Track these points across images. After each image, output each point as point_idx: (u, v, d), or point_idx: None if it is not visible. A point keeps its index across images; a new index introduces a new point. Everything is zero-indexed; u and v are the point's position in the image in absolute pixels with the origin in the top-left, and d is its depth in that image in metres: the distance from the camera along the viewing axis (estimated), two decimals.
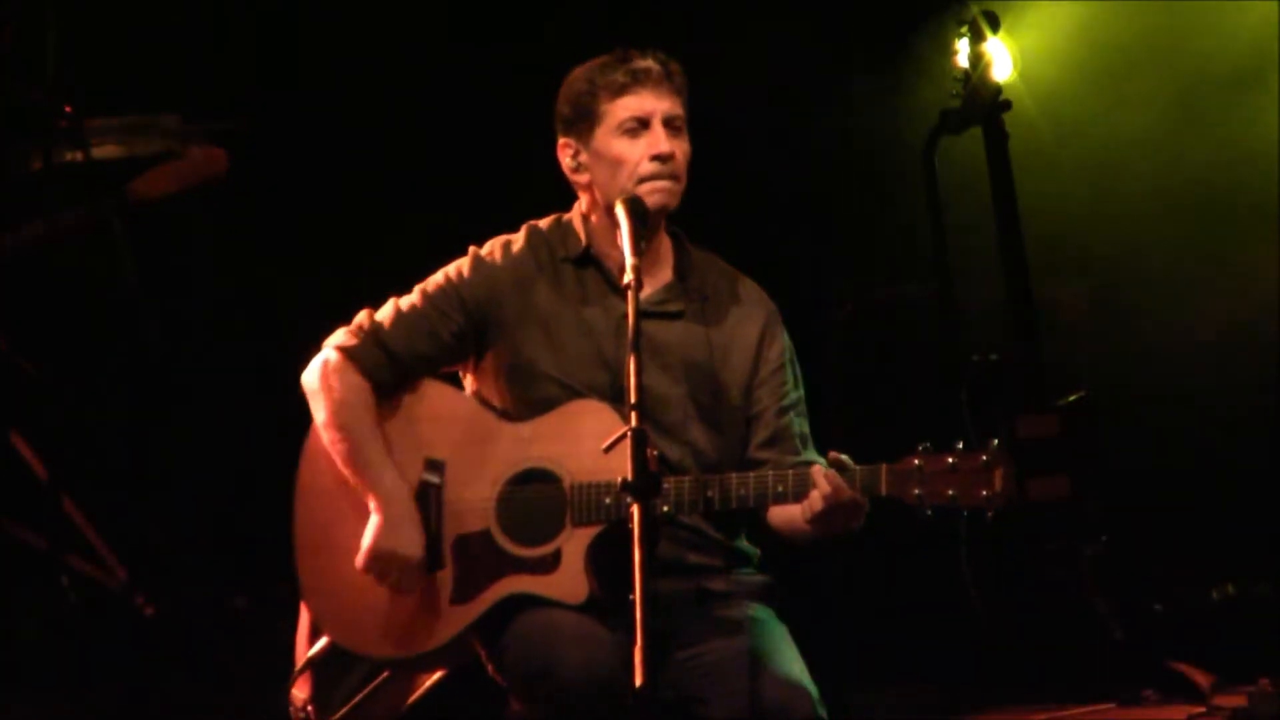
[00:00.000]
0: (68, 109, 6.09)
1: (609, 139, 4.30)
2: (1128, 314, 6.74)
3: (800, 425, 4.40)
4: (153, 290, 6.38)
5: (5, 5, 6.11)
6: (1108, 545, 5.74)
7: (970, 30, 5.84)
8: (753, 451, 4.34)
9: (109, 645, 5.98)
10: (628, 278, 4.05)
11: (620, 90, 4.28)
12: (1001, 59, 5.87)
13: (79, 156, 6.20)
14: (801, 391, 4.44)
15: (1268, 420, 6.61)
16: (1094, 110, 6.78)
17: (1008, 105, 5.83)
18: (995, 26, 5.86)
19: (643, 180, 4.27)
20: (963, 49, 5.85)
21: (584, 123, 4.32)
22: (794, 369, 4.44)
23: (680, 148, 4.30)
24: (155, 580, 6.25)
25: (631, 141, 4.28)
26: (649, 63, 4.30)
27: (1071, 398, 5.79)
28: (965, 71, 5.83)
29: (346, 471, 4.30)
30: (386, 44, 6.86)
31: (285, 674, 4.91)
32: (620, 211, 4.18)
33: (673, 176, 4.30)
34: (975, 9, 5.90)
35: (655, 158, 4.27)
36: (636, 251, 4.11)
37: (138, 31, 6.70)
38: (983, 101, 5.82)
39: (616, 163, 4.29)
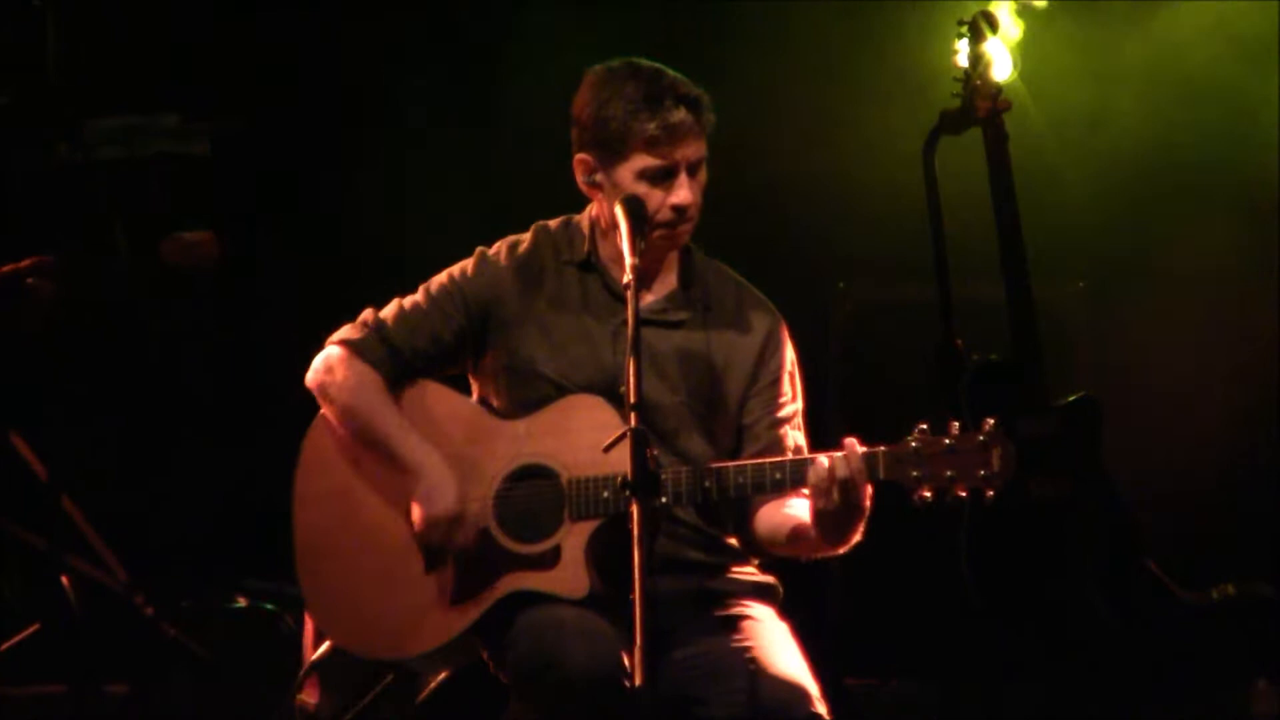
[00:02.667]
0: (68, 109, 6.09)
1: (630, 180, 4.24)
2: (1127, 314, 6.74)
3: (795, 437, 4.38)
4: (154, 293, 6.39)
5: (5, 6, 6.11)
6: (1109, 545, 5.73)
7: (970, 30, 5.83)
8: (744, 460, 4.32)
9: (109, 645, 5.97)
10: (627, 278, 4.05)
11: (651, 143, 4.21)
12: (1001, 59, 5.86)
13: (79, 156, 6.19)
14: (800, 405, 4.42)
15: (1268, 420, 6.61)
16: (1094, 110, 6.79)
17: (1008, 105, 5.82)
18: (995, 26, 5.85)
19: (658, 226, 4.25)
20: (963, 49, 5.84)
21: (606, 151, 4.26)
22: (794, 382, 4.42)
23: (698, 187, 4.28)
24: (155, 580, 6.24)
25: (652, 188, 4.24)
26: (682, 115, 4.21)
27: (1071, 398, 5.78)
28: (965, 71, 5.83)
29: (368, 449, 4.29)
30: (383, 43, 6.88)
31: (289, 676, 4.92)
32: (619, 211, 4.18)
33: (687, 221, 4.29)
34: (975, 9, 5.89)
35: (674, 208, 4.26)
36: (635, 253, 4.11)
37: (137, 32, 6.71)
38: (983, 101, 5.81)
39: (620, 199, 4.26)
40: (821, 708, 4.12)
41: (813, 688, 4.14)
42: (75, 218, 6.17)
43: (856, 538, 4.16)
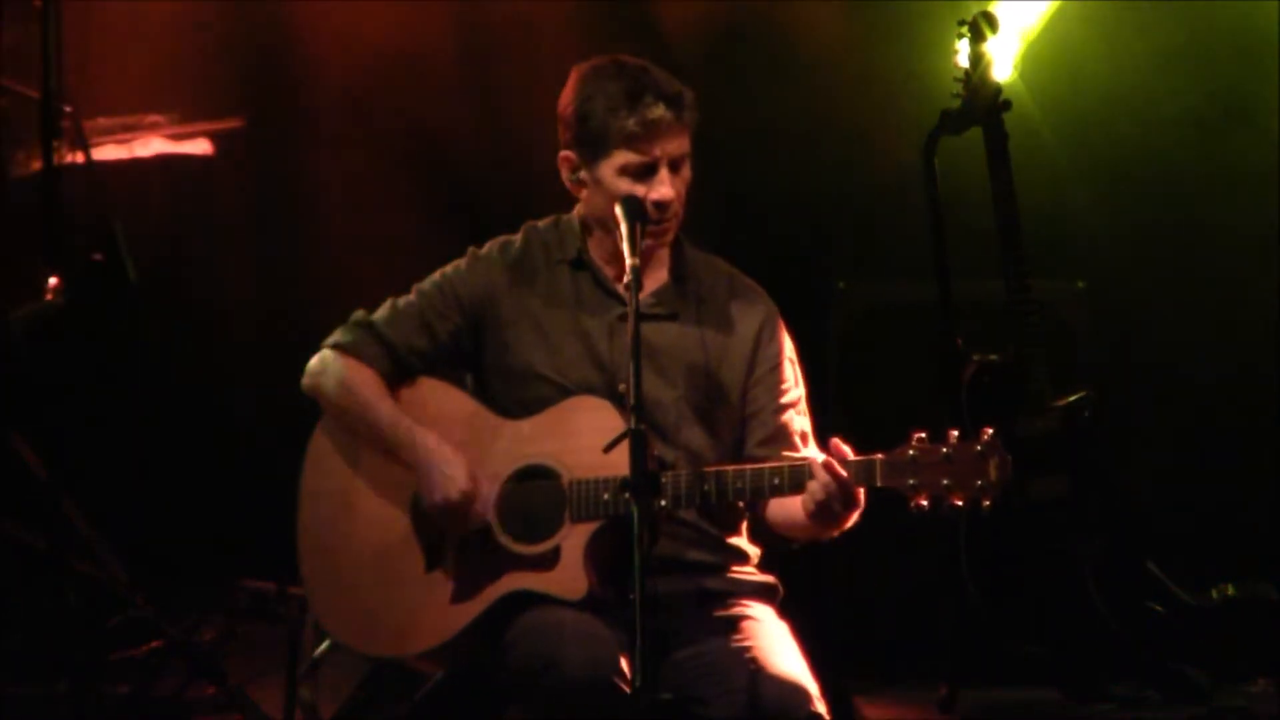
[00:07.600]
0: (68, 109, 6.09)
1: (612, 176, 4.25)
2: (1128, 314, 6.74)
3: (801, 423, 4.39)
4: (153, 290, 6.39)
5: (4, 6, 6.11)
6: (1107, 545, 5.73)
7: (970, 30, 5.83)
8: (751, 449, 4.34)
9: (109, 645, 5.97)
10: (627, 278, 4.06)
11: (630, 140, 4.21)
12: (1001, 59, 5.86)
13: (79, 157, 6.20)
14: (802, 390, 4.44)
15: (1268, 420, 6.60)
16: (1094, 110, 6.79)
17: (1008, 105, 5.82)
18: (995, 26, 5.85)
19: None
20: (963, 49, 5.84)
21: (588, 148, 4.27)
22: (793, 368, 4.43)
23: (681, 182, 4.27)
24: (155, 580, 6.25)
25: (633, 184, 4.24)
26: (660, 111, 4.21)
27: (1072, 398, 5.78)
28: (965, 71, 5.82)
29: (367, 445, 4.30)
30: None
31: (289, 673, 4.92)
32: (619, 211, 4.19)
33: (670, 217, 4.29)
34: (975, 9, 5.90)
35: (656, 203, 4.26)
36: (636, 253, 4.11)
37: (136, 32, 6.71)
38: (983, 101, 5.81)
39: (617, 199, 4.26)
40: (821, 707, 4.13)
41: (812, 687, 4.14)
42: (75, 218, 6.17)
43: (852, 523, 4.18)
